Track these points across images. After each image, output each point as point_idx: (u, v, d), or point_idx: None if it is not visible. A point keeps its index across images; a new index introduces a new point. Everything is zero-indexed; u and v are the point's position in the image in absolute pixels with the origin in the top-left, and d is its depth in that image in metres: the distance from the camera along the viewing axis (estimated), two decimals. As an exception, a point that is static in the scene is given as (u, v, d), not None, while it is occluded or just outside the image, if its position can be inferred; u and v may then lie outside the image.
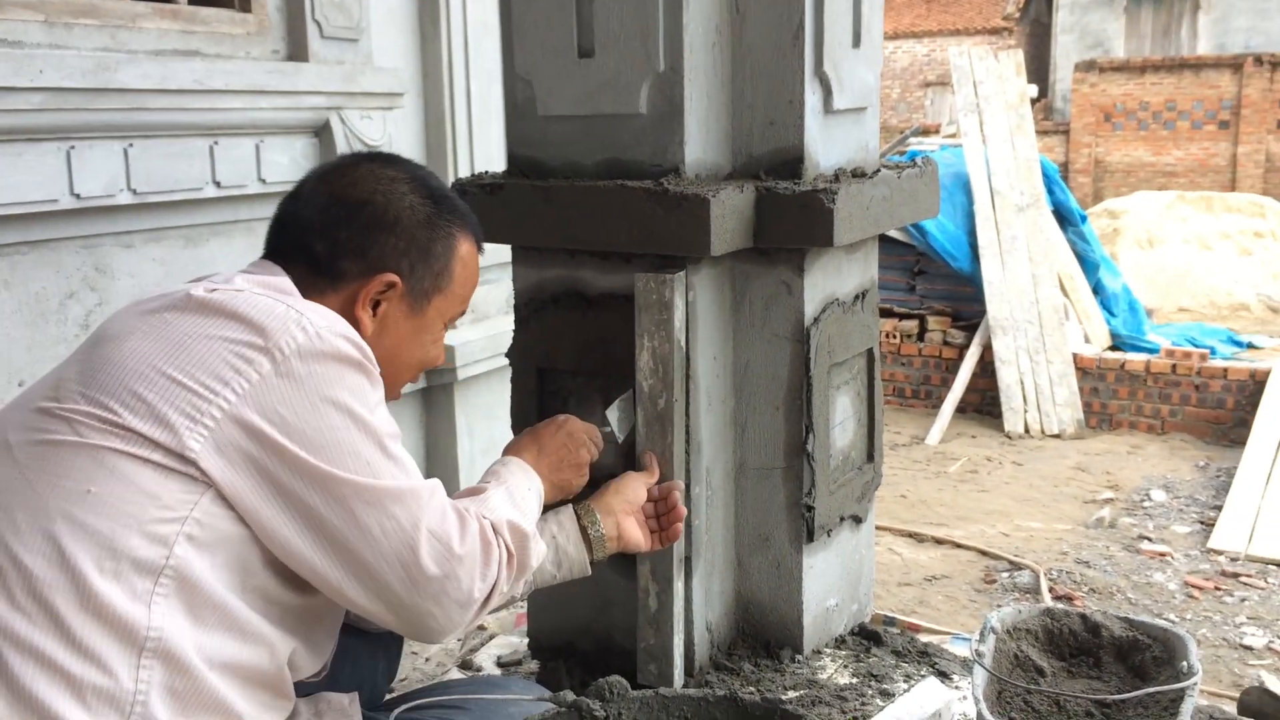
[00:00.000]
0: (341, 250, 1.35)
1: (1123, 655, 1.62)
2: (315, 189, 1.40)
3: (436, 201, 1.42)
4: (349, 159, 1.46)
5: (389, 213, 1.38)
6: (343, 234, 1.36)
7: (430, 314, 1.43)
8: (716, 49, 1.87)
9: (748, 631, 2.06)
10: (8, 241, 2.65)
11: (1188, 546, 5.14)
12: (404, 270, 1.38)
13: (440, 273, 1.42)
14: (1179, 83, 16.02)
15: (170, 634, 1.11)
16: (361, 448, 1.20)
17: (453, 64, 3.92)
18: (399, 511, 1.21)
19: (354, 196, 1.38)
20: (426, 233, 1.40)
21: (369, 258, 1.36)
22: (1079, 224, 7.92)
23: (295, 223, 1.39)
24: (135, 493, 1.11)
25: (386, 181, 1.40)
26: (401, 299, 1.38)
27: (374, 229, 1.36)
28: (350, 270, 1.35)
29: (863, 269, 2.10)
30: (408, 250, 1.38)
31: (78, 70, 2.63)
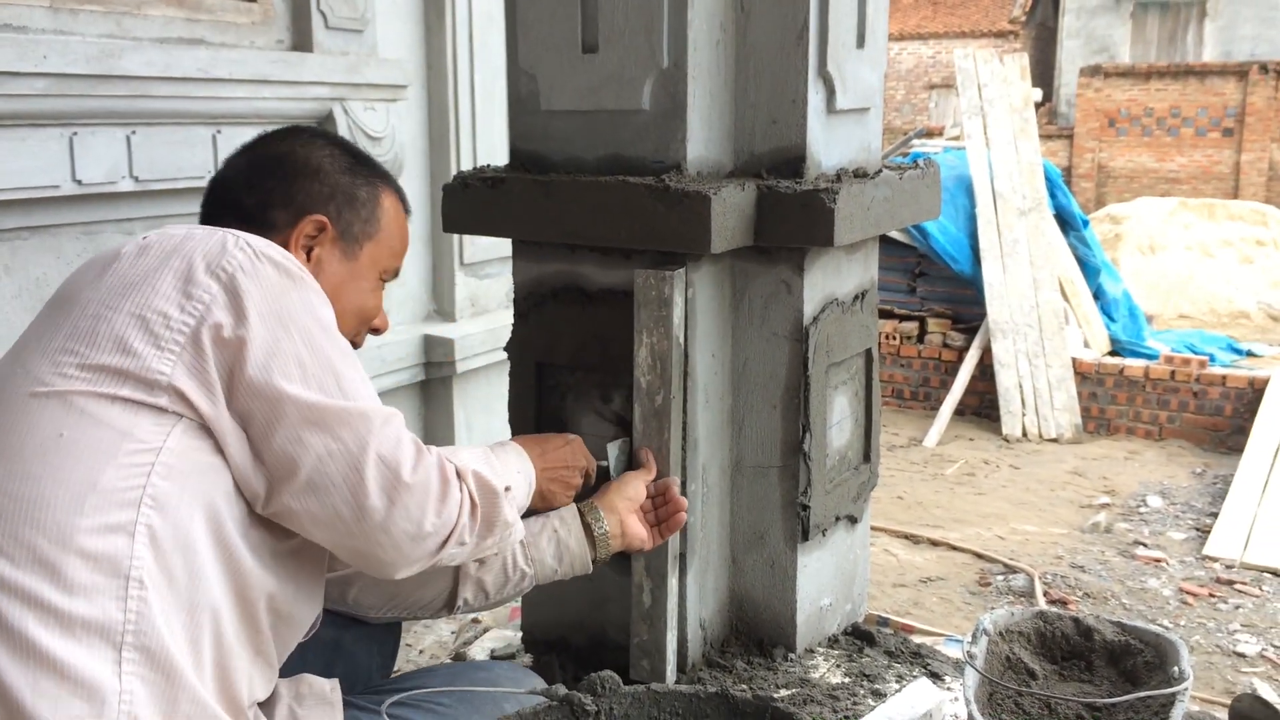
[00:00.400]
0: (269, 200, 1.40)
1: (1115, 659, 1.63)
2: (236, 159, 1.48)
3: (355, 156, 1.49)
4: (266, 133, 1.51)
5: (310, 162, 1.44)
6: (268, 183, 1.41)
7: (363, 259, 1.46)
8: (721, 46, 1.87)
9: (741, 629, 2.07)
10: (9, 227, 2.65)
11: (1183, 553, 5.14)
12: (331, 213, 1.43)
13: (368, 219, 1.47)
14: (1184, 89, 16.02)
15: (153, 564, 1.13)
16: (312, 363, 1.21)
17: (457, 57, 3.91)
18: (346, 434, 1.21)
19: (274, 152, 1.45)
20: (349, 179, 1.46)
21: (296, 203, 1.41)
22: (1081, 229, 7.92)
23: (220, 186, 1.45)
24: (106, 430, 1.14)
25: (305, 139, 1.48)
26: (333, 243, 1.43)
27: (298, 177, 1.42)
28: (280, 218, 1.40)
29: (863, 269, 2.10)
30: (333, 195, 1.44)
31: (82, 56, 2.63)
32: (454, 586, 1.63)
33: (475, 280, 4.06)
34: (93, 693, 1.07)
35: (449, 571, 1.61)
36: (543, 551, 1.63)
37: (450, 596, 1.63)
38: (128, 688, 1.09)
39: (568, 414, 1.99)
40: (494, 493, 1.35)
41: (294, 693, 1.37)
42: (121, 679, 1.09)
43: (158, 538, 1.13)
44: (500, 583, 1.63)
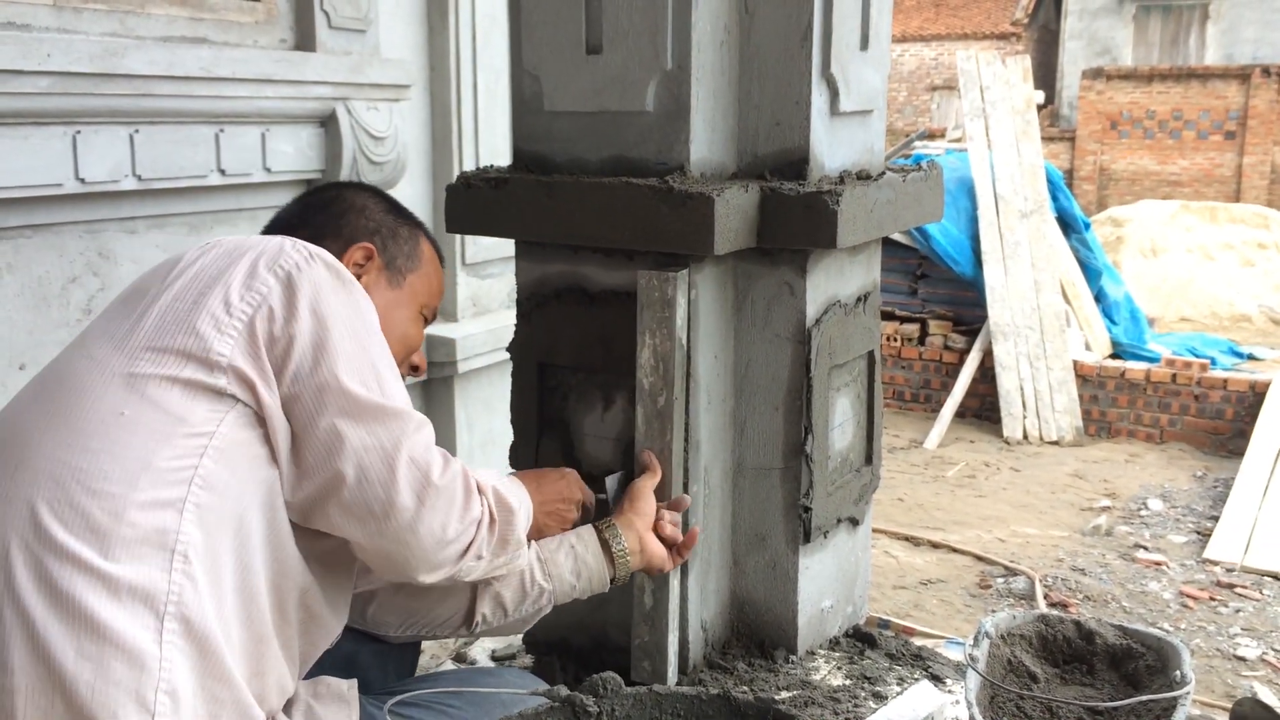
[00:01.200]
0: (320, 232, 1.49)
1: (1116, 663, 1.62)
2: (289, 205, 1.61)
3: (396, 205, 1.62)
4: (316, 185, 1.70)
5: (357, 202, 1.57)
6: (319, 218, 1.53)
7: (407, 290, 1.56)
8: (724, 48, 1.87)
9: (742, 631, 2.07)
10: (12, 225, 2.66)
11: (1183, 556, 5.14)
12: (377, 244, 1.53)
13: (410, 255, 1.58)
14: (1186, 92, 16.02)
15: (199, 541, 1.17)
16: (357, 359, 1.27)
17: (460, 57, 3.92)
18: (381, 431, 1.26)
19: (325, 195, 1.59)
20: (392, 219, 1.58)
21: (344, 235, 1.52)
22: (1082, 231, 7.92)
23: (276, 226, 1.56)
24: (163, 414, 1.19)
25: (352, 188, 1.62)
26: (380, 271, 1.53)
27: (346, 213, 1.55)
28: (330, 247, 1.43)
29: (865, 271, 2.10)
30: (378, 229, 1.55)
31: (85, 55, 2.63)
32: (472, 603, 1.62)
33: (477, 280, 4.06)
34: (134, 657, 1.10)
35: (467, 588, 1.61)
36: (560, 567, 1.62)
37: (469, 613, 1.62)
38: (168, 655, 1.12)
39: (570, 415, 1.99)
40: (510, 510, 1.39)
41: (312, 692, 1.38)
42: (162, 647, 1.12)
43: (205, 517, 1.18)
44: (518, 599, 1.62)
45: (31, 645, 1.09)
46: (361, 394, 1.25)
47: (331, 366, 1.24)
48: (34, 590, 1.11)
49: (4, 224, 2.64)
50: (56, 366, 1.30)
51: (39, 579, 1.12)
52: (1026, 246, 7.40)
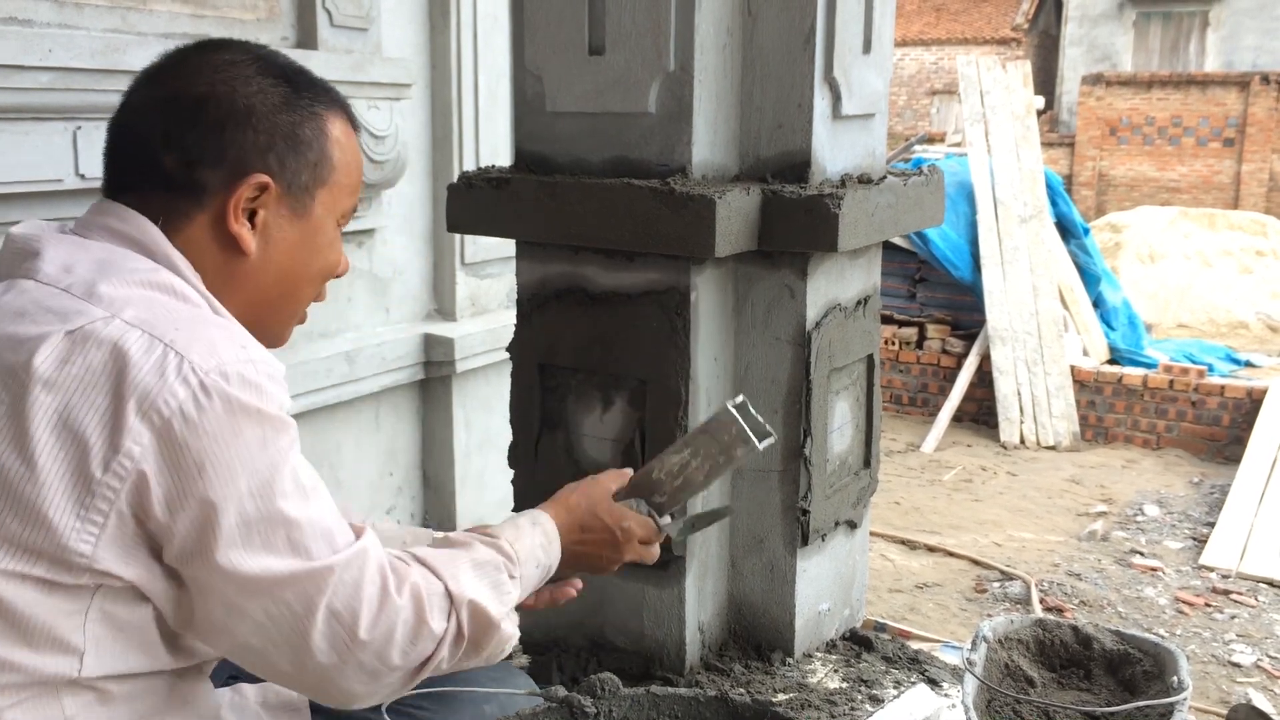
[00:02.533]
0: (194, 158, 1.13)
1: (1113, 668, 1.63)
2: (145, 94, 1.17)
3: (290, 80, 1.19)
4: (176, 51, 1.20)
5: (238, 103, 1.14)
6: (190, 139, 1.13)
7: (317, 212, 1.21)
8: (727, 50, 1.88)
9: (739, 633, 2.07)
10: (11, 220, 2.65)
11: (1179, 562, 5.14)
12: (273, 167, 1.16)
13: (317, 162, 1.19)
14: (1185, 99, 16.05)
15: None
16: (257, 522, 1.03)
17: (461, 56, 3.91)
18: (290, 596, 1.05)
19: (193, 92, 1.14)
20: (288, 117, 1.17)
21: (228, 160, 1.14)
22: (1081, 237, 7.93)
23: (132, 139, 1.16)
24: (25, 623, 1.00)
25: (226, 68, 1.16)
26: (279, 201, 1.17)
27: (226, 126, 1.14)
28: (211, 180, 1.14)
29: (866, 275, 2.10)
30: (271, 143, 1.16)
31: (87, 50, 2.62)
32: None
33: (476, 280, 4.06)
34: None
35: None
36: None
37: None
38: None
39: (569, 415, 1.99)
40: (490, 624, 1.19)
41: (261, 699, 1.32)
42: None
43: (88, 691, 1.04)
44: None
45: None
46: (261, 571, 1.03)
47: (227, 543, 1.01)
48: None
49: (4, 219, 2.63)
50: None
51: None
52: (1025, 251, 7.41)
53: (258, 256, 1.17)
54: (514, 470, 2.07)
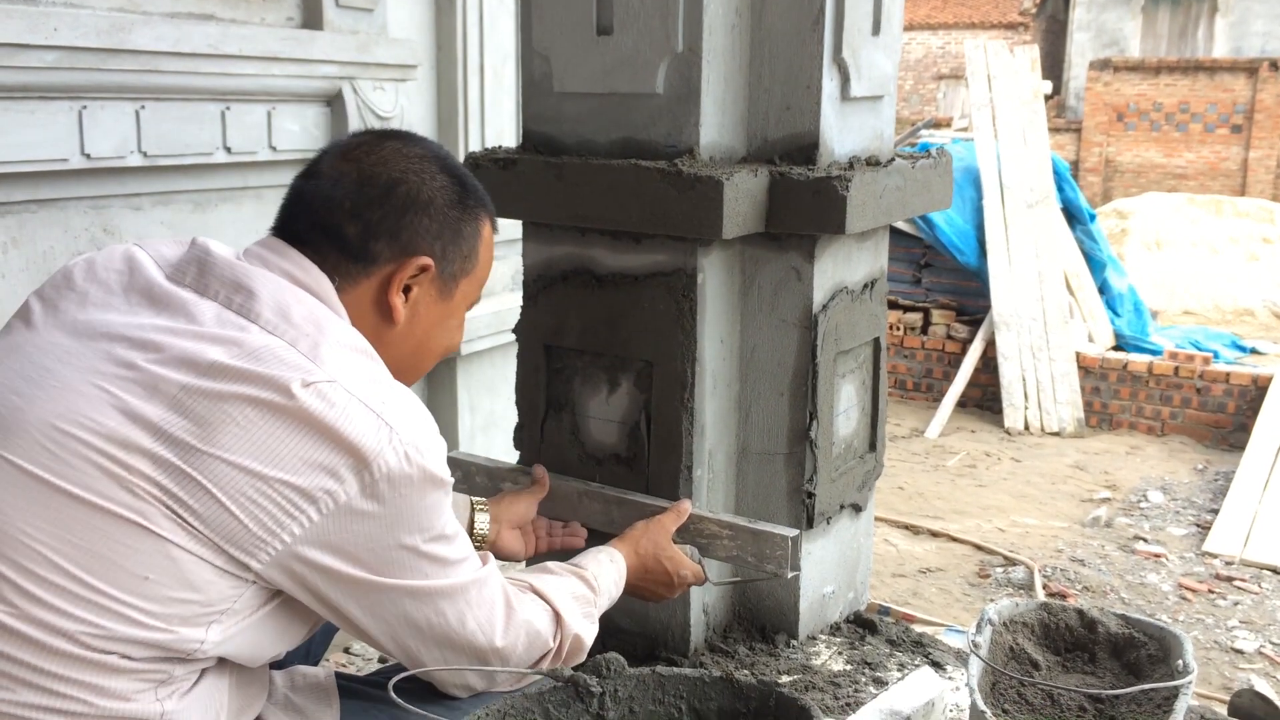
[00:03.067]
0: (374, 232, 1.29)
1: (1118, 652, 1.63)
2: (339, 167, 1.32)
3: (462, 183, 1.37)
4: (369, 136, 1.38)
5: (422, 194, 1.32)
6: (375, 215, 1.29)
7: (457, 298, 1.39)
8: (736, 31, 1.87)
9: (743, 615, 2.07)
10: (17, 199, 2.65)
11: (1183, 549, 5.15)
12: (436, 253, 1.33)
13: (468, 255, 1.37)
14: (1193, 85, 15.98)
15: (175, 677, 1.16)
16: (421, 562, 1.22)
17: (467, 37, 3.90)
18: (446, 606, 1.25)
19: (385, 176, 1.31)
20: (458, 214, 1.35)
21: (402, 240, 1.30)
22: (1087, 223, 7.91)
23: (320, 202, 1.30)
24: (189, 590, 1.11)
25: (416, 160, 1.33)
26: (432, 283, 1.34)
27: (408, 210, 1.30)
28: (383, 254, 1.29)
29: (873, 258, 2.10)
30: (440, 233, 1.33)
31: (92, 29, 2.62)
32: None
33: (481, 262, 4.06)
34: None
35: None
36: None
37: None
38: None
39: (575, 397, 1.99)
40: (582, 649, 1.45)
41: (289, 683, 1.37)
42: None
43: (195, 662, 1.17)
44: None
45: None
46: (419, 584, 1.22)
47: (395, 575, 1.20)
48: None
49: (9, 198, 2.63)
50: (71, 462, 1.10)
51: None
52: (1031, 237, 7.39)
53: (403, 327, 1.34)
54: (519, 452, 2.07)
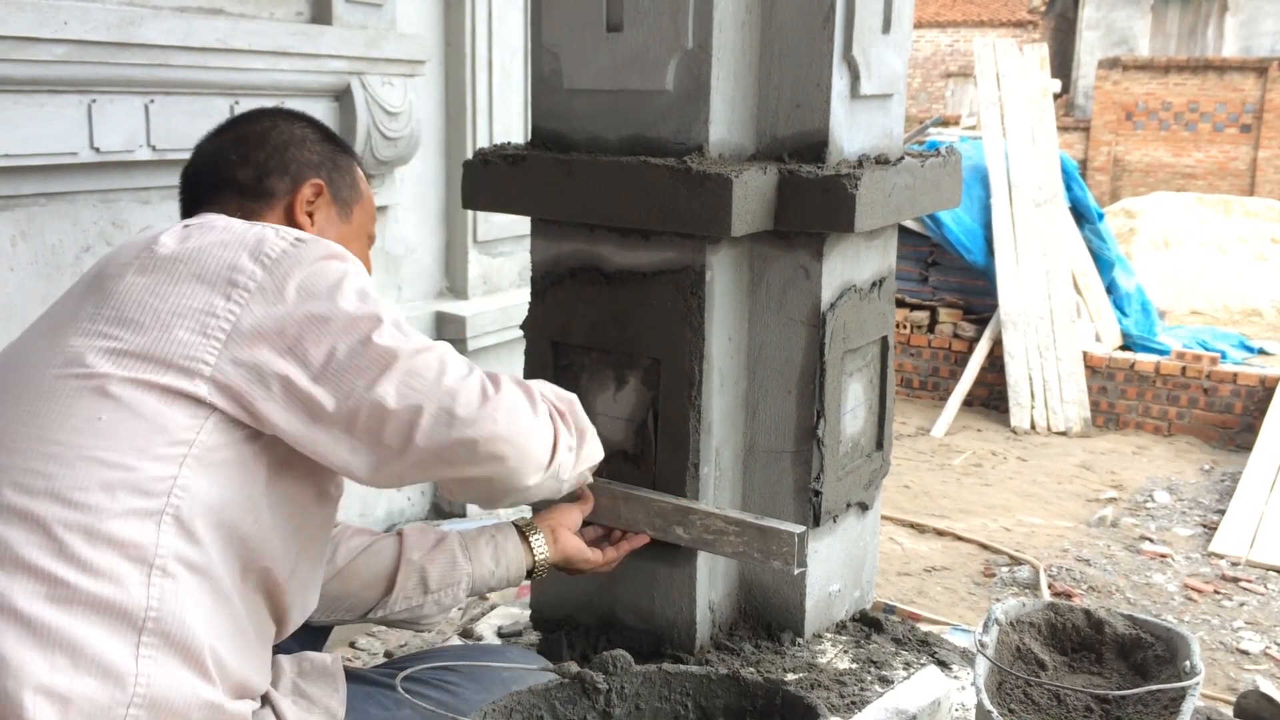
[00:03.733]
0: (265, 170, 1.45)
1: (1125, 653, 1.62)
2: (214, 141, 1.50)
3: (322, 129, 1.55)
4: (233, 117, 1.56)
5: (295, 133, 1.50)
6: (260, 155, 1.45)
7: (355, 221, 1.54)
8: (746, 28, 1.86)
9: (749, 612, 2.07)
10: (26, 193, 2.65)
11: (1189, 549, 5.13)
12: (324, 178, 1.49)
13: (352, 185, 1.54)
14: (1202, 84, 15.92)
15: (180, 551, 1.14)
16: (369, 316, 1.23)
17: (475, 33, 3.90)
18: (420, 361, 1.24)
19: (258, 128, 1.49)
20: (329, 149, 1.53)
21: (291, 171, 1.46)
22: (1095, 222, 7.89)
23: (209, 165, 1.47)
24: (141, 422, 1.15)
25: (280, 115, 1.53)
26: (329, 206, 1.49)
27: (288, 147, 1.48)
28: (278, 186, 1.45)
29: (881, 256, 2.09)
30: (322, 162, 1.50)
31: (102, 23, 2.62)
32: (392, 577, 1.61)
33: (488, 258, 4.06)
34: (108, 672, 1.08)
35: (391, 560, 1.61)
36: (481, 551, 1.64)
37: (389, 586, 1.61)
38: (144, 670, 1.10)
39: (582, 394, 1.98)
40: (569, 400, 1.46)
41: (297, 669, 1.38)
42: (139, 662, 1.10)
43: (184, 527, 1.15)
44: (442, 575, 1.61)
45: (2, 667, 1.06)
46: (388, 346, 1.22)
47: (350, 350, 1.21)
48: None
49: (19, 191, 2.64)
50: (21, 361, 1.24)
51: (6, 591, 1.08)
52: (1039, 236, 7.38)
53: None
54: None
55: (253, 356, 1.18)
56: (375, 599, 1.60)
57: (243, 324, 1.19)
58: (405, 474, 1.27)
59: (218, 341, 1.18)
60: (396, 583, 1.60)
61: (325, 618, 1.60)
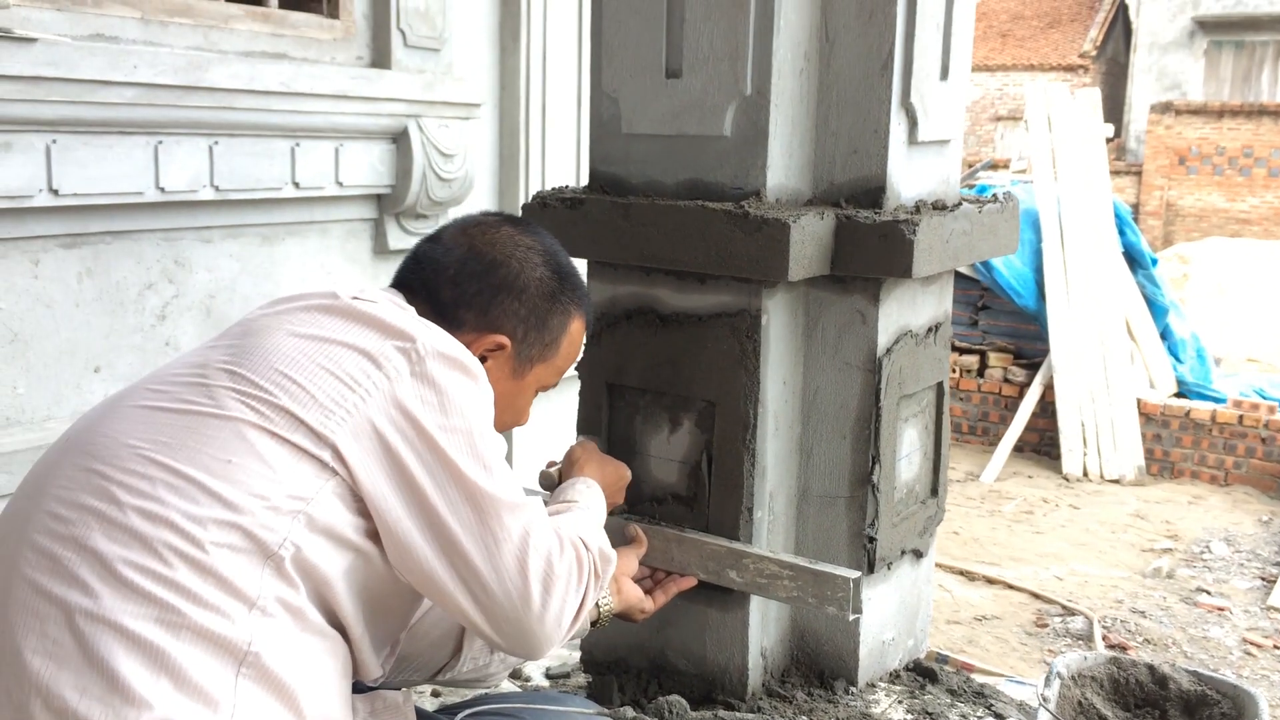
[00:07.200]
0: (466, 302, 1.43)
1: (1190, 710, 1.59)
2: (456, 239, 1.48)
3: (563, 278, 1.50)
4: (492, 216, 1.54)
5: (520, 279, 1.45)
6: (472, 287, 1.43)
7: (529, 380, 1.50)
8: (804, 75, 1.87)
9: (802, 660, 2.05)
10: (94, 231, 2.72)
11: (1247, 602, 5.02)
12: (517, 335, 1.45)
13: (549, 344, 1.50)
14: (1257, 129, 15.73)
15: (277, 595, 1.17)
16: (483, 454, 1.26)
17: (530, 77, 3.96)
18: (511, 523, 1.26)
19: (491, 255, 1.46)
20: (547, 305, 1.48)
21: (489, 316, 1.44)
22: (1149, 267, 7.79)
23: (430, 264, 1.46)
24: (268, 472, 1.18)
25: (524, 249, 1.48)
26: (506, 361, 1.46)
27: (501, 290, 1.44)
28: (468, 321, 1.43)
29: (937, 302, 2.08)
30: (527, 318, 1.46)
31: (170, 67, 2.69)
32: (459, 642, 1.63)
33: (539, 298, 4.08)
34: (208, 699, 1.11)
35: (457, 623, 1.61)
36: None
37: (455, 651, 1.63)
38: (241, 701, 1.13)
39: (636, 435, 1.99)
40: (609, 562, 1.44)
41: (370, 708, 1.40)
42: (236, 693, 1.13)
43: (285, 574, 1.18)
44: None
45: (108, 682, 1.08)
46: (490, 490, 1.25)
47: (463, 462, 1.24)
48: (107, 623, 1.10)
49: (86, 230, 2.70)
50: (165, 391, 1.27)
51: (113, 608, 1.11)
52: (1091, 281, 7.30)
53: None
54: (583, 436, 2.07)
55: (378, 432, 1.21)
56: (444, 660, 1.62)
57: (373, 404, 1.22)
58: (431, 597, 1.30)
59: (346, 414, 1.21)
60: (464, 645, 1.62)
61: (396, 678, 1.61)
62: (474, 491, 1.24)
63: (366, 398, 1.22)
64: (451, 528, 1.23)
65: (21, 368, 2.62)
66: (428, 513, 1.23)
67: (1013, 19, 21.67)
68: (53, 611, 1.11)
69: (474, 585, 1.25)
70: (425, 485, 1.23)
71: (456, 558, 1.24)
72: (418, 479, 1.22)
